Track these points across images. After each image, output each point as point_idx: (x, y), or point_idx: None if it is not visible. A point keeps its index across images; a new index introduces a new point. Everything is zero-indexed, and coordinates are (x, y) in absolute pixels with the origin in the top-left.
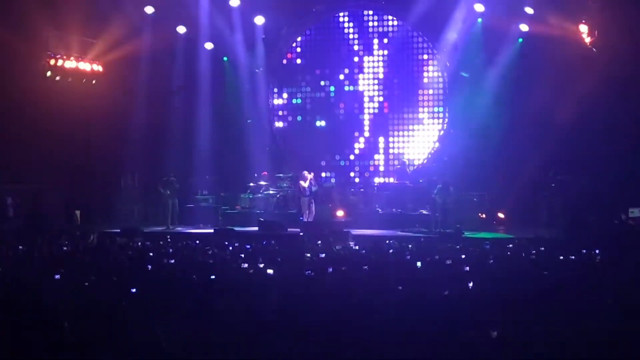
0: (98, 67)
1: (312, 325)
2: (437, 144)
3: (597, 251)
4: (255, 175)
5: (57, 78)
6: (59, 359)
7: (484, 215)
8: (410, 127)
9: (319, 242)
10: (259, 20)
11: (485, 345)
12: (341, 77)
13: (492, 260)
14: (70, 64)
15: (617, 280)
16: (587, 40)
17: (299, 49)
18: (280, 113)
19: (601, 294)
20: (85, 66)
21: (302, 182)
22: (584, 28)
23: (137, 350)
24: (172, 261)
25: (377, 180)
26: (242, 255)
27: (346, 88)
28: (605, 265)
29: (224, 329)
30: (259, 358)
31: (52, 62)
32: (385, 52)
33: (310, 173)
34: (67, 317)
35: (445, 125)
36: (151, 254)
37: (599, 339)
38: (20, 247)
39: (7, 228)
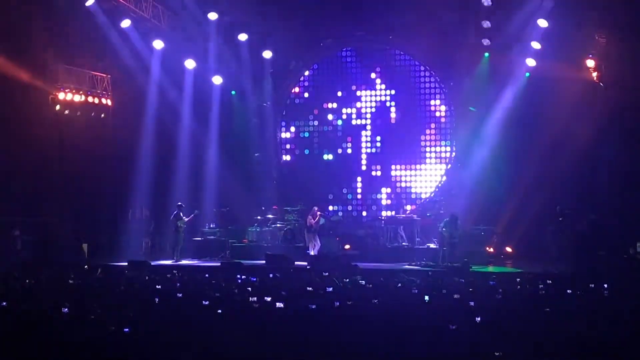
0: (107, 101)
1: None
2: (444, 178)
3: (605, 285)
4: (263, 208)
5: (66, 112)
6: None
7: (491, 249)
8: (418, 160)
9: (326, 274)
10: (267, 54)
11: None
12: (348, 110)
13: (500, 295)
14: (79, 97)
15: (626, 314)
16: (594, 75)
17: (306, 83)
18: (287, 146)
19: (610, 328)
20: (94, 100)
21: (310, 218)
22: (591, 63)
23: None
24: (180, 295)
25: (385, 213)
26: (249, 289)
27: (353, 122)
28: (614, 299)
29: None
30: None
31: (62, 95)
32: (393, 89)
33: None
34: (74, 349)
35: (452, 159)
36: (159, 287)
37: None
38: (27, 280)
39: (15, 260)
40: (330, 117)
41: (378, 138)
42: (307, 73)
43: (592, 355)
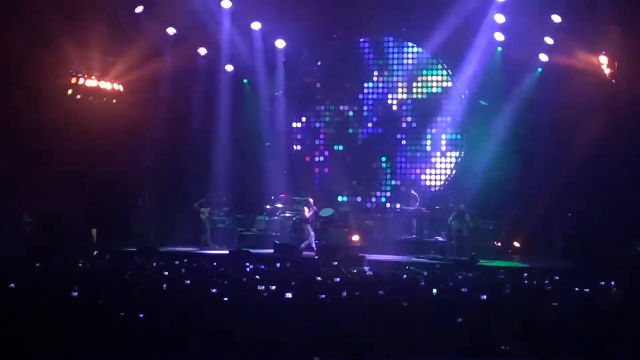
0: (119, 87)
1: (325, 347)
2: (454, 171)
3: (613, 282)
4: (272, 197)
5: (78, 96)
6: None
7: (499, 244)
8: (428, 153)
9: (335, 263)
10: (280, 44)
11: None
12: (360, 102)
13: (508, 290)
14: (91, 82)
15: (634, 312)
16: (607, 71)
17: (319, 74)
18: (298, 136)
19: (617, 325)
20: (106, 85)
21: (305, 210)
22: (604, 59)
23: None
24: (188, 282)
25: (393, 205)
26: (258, 277)
27: (365, 113)
28: (622, 296)
29: (238, 351)
30: None
31: (74, 80)
32: (405, 82)
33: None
34: (82, 333)
35: (462, 152)
36: (166, 274)
37: None
38: (37, 264)
39: (24, 245)
40: (342, 107)
41: (388, 129)
42: (319, 63)
43: (598, 351)
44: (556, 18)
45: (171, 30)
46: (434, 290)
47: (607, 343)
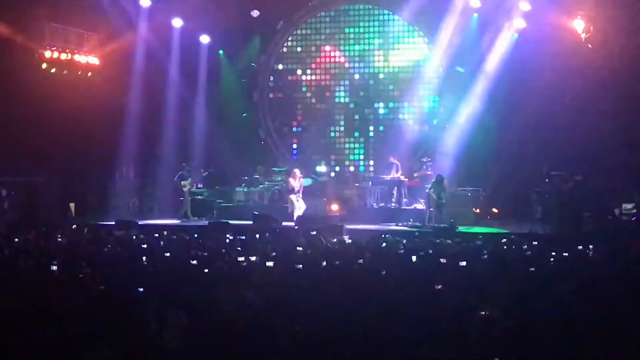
0: (94, 60)
1: (304, 318)
2: (432, 139)
3: (590, 247)
4: (251, 169)
5: (53, 70)
6: (55, 352)
7: (478, 210)
8: (405, 121)
9: (314, 232)
10: (255, 13)
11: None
12: (336, 70)
13: (485, 256)
14: (66, 56)
15: (611, 276)
16: (583, 36)
17: (295, 43)
18: (276, 107)
19: (594, 290)
20: (81, 58)
21: (291, 180)
22: (579, 24)
23: (134, 342)
24: (167, 254)
25: (371, 174)
26: (239, 249)
27: (343, 82)
28: (599, 261)
29: (219, 321)
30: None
31: (48, 54)
32: (381, 50)
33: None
34: (63, 310)
35: (440, 120)
36: (145, 246)
37: (591, 333)
38: (15, 239)
39: (1, 220)
40: (319, 77)
41: (366, 99)
42: (296, 32)
43: (577, 317)
44: None
45: (145, 2)
46: (414, 258)
47: (585, 308)
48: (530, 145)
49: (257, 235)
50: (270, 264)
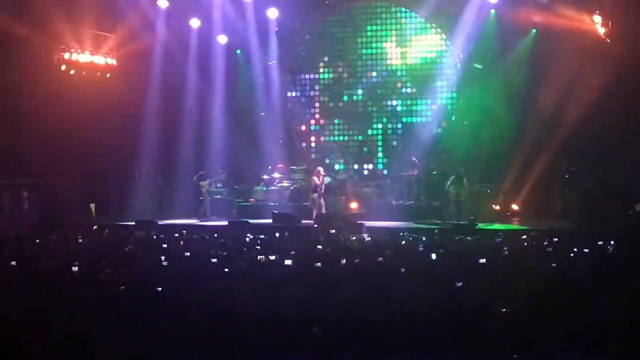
0: (112, 61)
1: (323, 316)
2: (450, 136)
3: (611, 243)
4: (270, 167)
5: (72, 72)
6: (74, 351)
7: (497, 207)
8: (422, 118)
9: (333, 231)
10: (272, 13)
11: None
12: (356, 68)
13: (505, 252)
14: (84, 57)
15: (631, 271)
16: (601, 30)
17: (312, 42)
18: (293, 106)
19: (614, 285)
20: (99, 60)
21: (315, 179)
22: (597, 19)
23: (150, 343)
24: (187, 254)
25: (390, 172)
26: (258, 248)
27: (360, 79)
28: (619, 257)
29: (239, 320)
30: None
31: (67, 56)
32: (399, 47)
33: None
34: (84, 309)
35: (458, 116)
36: (165, 246)
37: (613, 330)
38: (37, 240)
39: (23, 222)
40: (336, 75)
41: (381, 93)
42: (313, 31)
43: (597, 312)
44: None
45: (163, 3)
46: (433, 255)
47: (606, 304)
48: (549, 141)
49: (277, 234)
50: (289, 262)
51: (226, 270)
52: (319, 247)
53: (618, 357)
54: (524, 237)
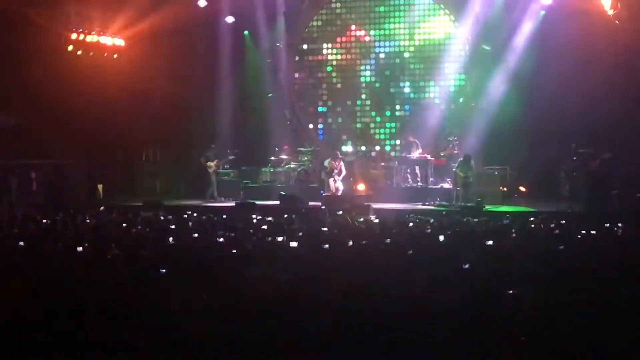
0: (120, 41)
1: (330, 299)
2: (458, 117)
3: (619, 225)
4: (277, 149)
5: (79, 52)
6: (79, 333)
7: (505, 189)
8: (431, 100)
9: (340, 212)
10: None
11: (509, 320)
12: (362, 49)
13: (513, 234)
14: (91, 38)
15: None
16: (610, 12)
17: (320, 23)
18: (300, 87)
19: (622, 268)
20: (106, 40)
21: (333, 162)
22: (606, 0)
23: (160, 325)
24: (195, 235)
25: (397, 153)
26: (264, 228)
27: (368, 61)
28: (627, 239)
29: (246, 302)
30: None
31: (74, 36)
32: (407, 28)
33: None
34: (91, 290)
35: (466, 98)
36: (173, 227)
37: (622, 312)
38: (44, 220)
39: (31, 202)
40: (344, 56)
41: (389, 74)
42: (321, 12)
43: (604, 293)
44: None
45: None
46: (441, 237)
47: (614, 287)
48: (557, 122)
49: (284, 216)
50: (295, 244)
51: (234, 251)
52: (325, 228)
53: (629, 339)
54: (532, 219)
